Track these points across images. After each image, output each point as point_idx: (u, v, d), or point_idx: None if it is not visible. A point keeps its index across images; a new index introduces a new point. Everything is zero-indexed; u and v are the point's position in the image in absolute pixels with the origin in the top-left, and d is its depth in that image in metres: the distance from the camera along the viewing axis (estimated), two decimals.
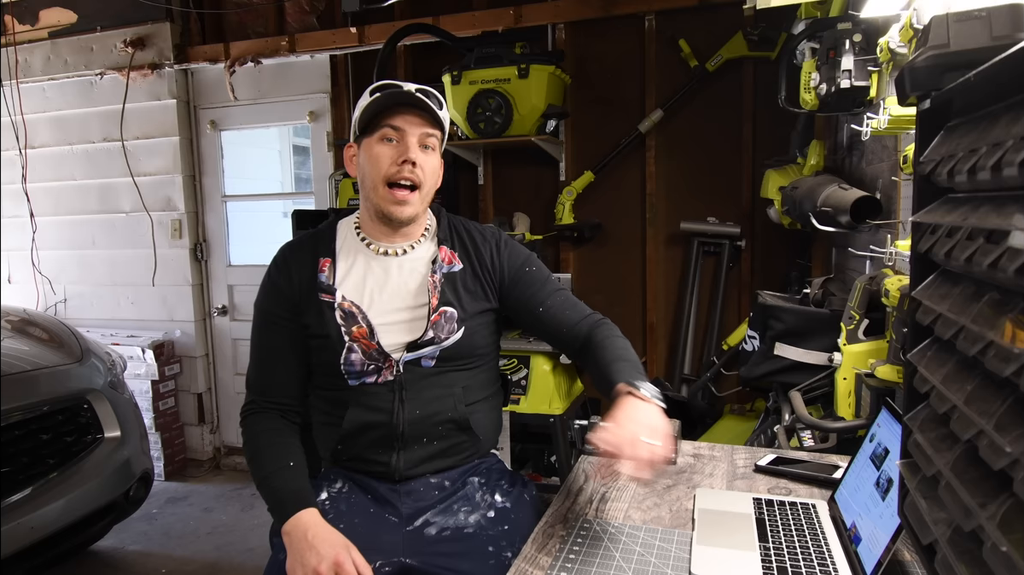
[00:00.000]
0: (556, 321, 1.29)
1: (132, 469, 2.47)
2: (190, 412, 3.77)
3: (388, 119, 1.20)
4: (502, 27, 2.98)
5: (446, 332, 1.22)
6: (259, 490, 1.20)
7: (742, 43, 2.71)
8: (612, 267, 3.10)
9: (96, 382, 2.48)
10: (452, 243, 1.30)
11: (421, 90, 1.21)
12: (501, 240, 1.33)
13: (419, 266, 1.27)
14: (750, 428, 2.59)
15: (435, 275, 1.25)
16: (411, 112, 1.20)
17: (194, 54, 3.53)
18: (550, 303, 1.30)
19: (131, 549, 2.86)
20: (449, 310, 1.23)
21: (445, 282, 1.25)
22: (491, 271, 1.29)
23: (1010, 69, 0.51)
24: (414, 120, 1.21)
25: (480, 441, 1.29)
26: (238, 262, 3.72)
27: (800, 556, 0.92)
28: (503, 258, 1.30)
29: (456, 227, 1.34)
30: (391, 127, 1.20)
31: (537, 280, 1.31)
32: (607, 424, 1.01)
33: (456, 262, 1.28)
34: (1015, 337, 0.46)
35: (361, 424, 1.23)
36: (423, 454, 1.24)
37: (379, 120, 1.21)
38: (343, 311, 1.21)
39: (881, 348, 1.48)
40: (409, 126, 1.20)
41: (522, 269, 1.31)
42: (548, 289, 1.31)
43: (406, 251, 1.28)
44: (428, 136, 1.22)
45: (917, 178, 0.69)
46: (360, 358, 1.21)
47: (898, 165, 1.63)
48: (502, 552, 1.15)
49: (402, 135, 1.21)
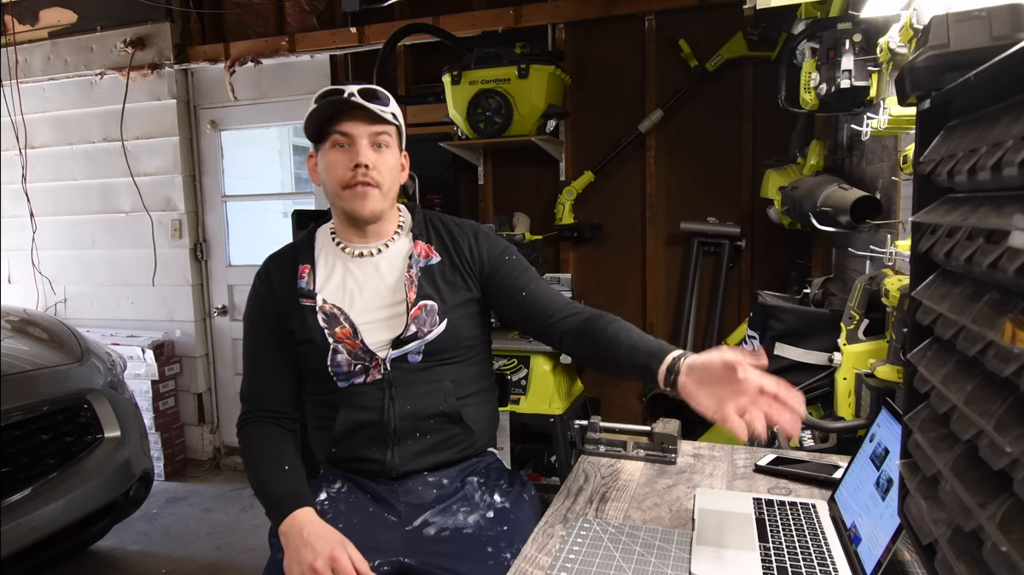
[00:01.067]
0: (540, 305, 1.25)
1: (132, 469, 2.47)
2: (190, 412, 3.77)
3: (336, 126, 1.21)
4: (502, 27, 2.98)
5: (428, 326, 1.23)
6: (257, 496, 1.21)
7: (742, 43, 2.71)
8: (612, 267, 3.10)
9: (96, 382, 2.48)
10: (428, 237, 1.31)
11: (364, 91, 1.21)
12: (480, 231, 1.34)
13: (396, 263, 1.28)
14: None
15: (411, 270, 1.26)
16: (356, 115, 1.21)
17: (194, 54, 3.53)
18: (533, 287, 1.28)
19: (131, 549, 2.86)
20: (429, 303, 1.24)
21: (423, 276, 1.26)
22: (470, 261, 1.30)
23: (1010, 69, 0.51)
24: (360, 123, 1.21)
25: (475, 434, 1.29)
26: (238, 262, 3.72)
27: (800, 556, 0.92)
28: (481, 247, 1.31)
29: (432, 221, 1.34)
30: (339, 133, 1.21)
31: (517, 268, 1.31)
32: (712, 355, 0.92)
33: (433, 255, 1.29)
34: (1015, 337, 0.46)
35: (353, 424, 1.24)
36: (417, 449, 1.24)
37: (328, 127, 1.22)
38: (325, 314, 1.23)
39: (881, 348, 1.48)
40: (356, 130, 1.21)
41: (501, 258, 1.31)
42: (528, 275, 1.30)
43: (380, 250, 1.29)
44: (378, 135, 1.22)
45: (917, 178, 0.69)
46: (346, 358, 1.22)
47: (898, 165, 1.63)
48: (501, 553, 1.15)
49: (351, 139, 1.21)
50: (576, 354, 1.29)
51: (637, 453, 1.34)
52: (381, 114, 1.21)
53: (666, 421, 1.36)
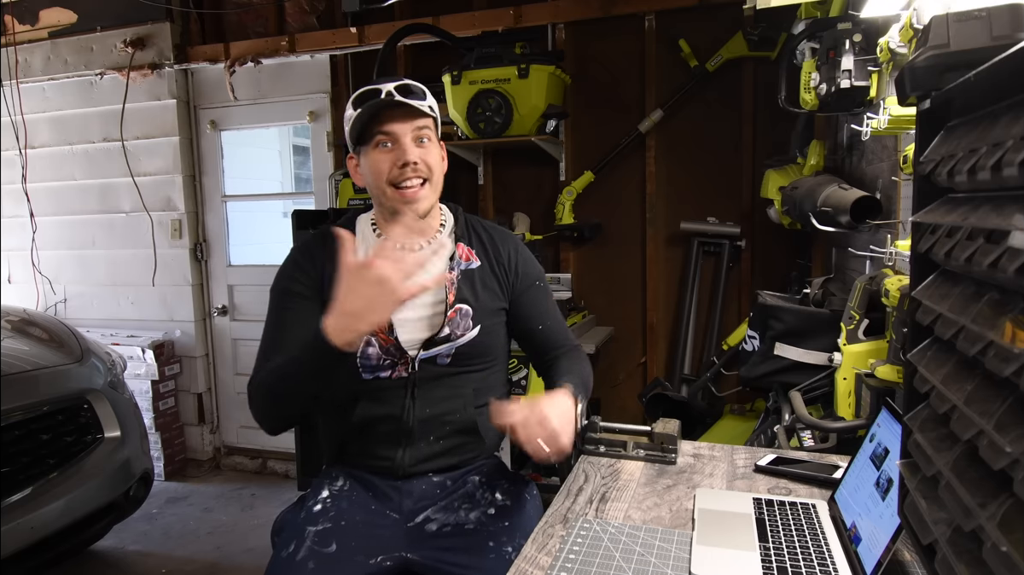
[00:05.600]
0: (550, 342, 1.36)
1: (132, 469, 2.47)
2: (190, 412, 3.77)
3: (378, 126, 1.20)
4: (502, 27, 2.98)
5: (461, 329, 1.24)
6: (290, 379, 1.11)
7: (742, 43, 2.71)
8: (612, 267, 3.10)
9: (96, 382, 2.48)
10: (469, 239, 1.32)
11: (400, 87, 1.21)
12: (521, 246, 1.37)
13: (436, 263, 1.27)
14: (750, 428, 2.59)
15: (453, 271, 1.26)
16: (395, 114, 1.20)
17: (194, 54, 3.53)
18: (549, 324, 1.35)
19: (131, 549, 2.86)
20: (464, 307, 1.25)
21: (462, 279, 1.27)
22: (507, 270, 1.32)
23: (1010, 69, 0.51)
24: (401, 121, 1.21)
25: (485, 444, 1.30)
26: (238, 262, 3.72)
27: (800, 556, 0.92)
28: (519, 263, 1.33)
29: (473, 224, 1.36)
30: (382, 133, 1.21)
31: (543, 298, 1.36)
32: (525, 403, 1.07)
33: (474, 259, 1.30)
34: (1015, 337, 0.46)
35: (371, 418, 1.24)
36: (428, 452, 1.25)
37: (370, 128, 1.21)
38: None
39: (881, 348, 1.48)
40: (399, 127, 1.20)
41: (533, 282, 1.34)
42: (548, 306, 1.36)
43: (423, 247, 1.28)
44: (420, 129, 1.23)
45: (917, 178, 0.69)
46: (377, 352, 1.22)
47: (898, 165, 1.63)
48: (502, 547, 1.15)
49: (395, 138, 1.21)
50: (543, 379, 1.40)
51: (637, 453, 1.34)
52: (420, 108, 1.21)
53: (666, 421, 1.36)
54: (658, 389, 2.82)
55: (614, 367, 3.12)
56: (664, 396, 2.75)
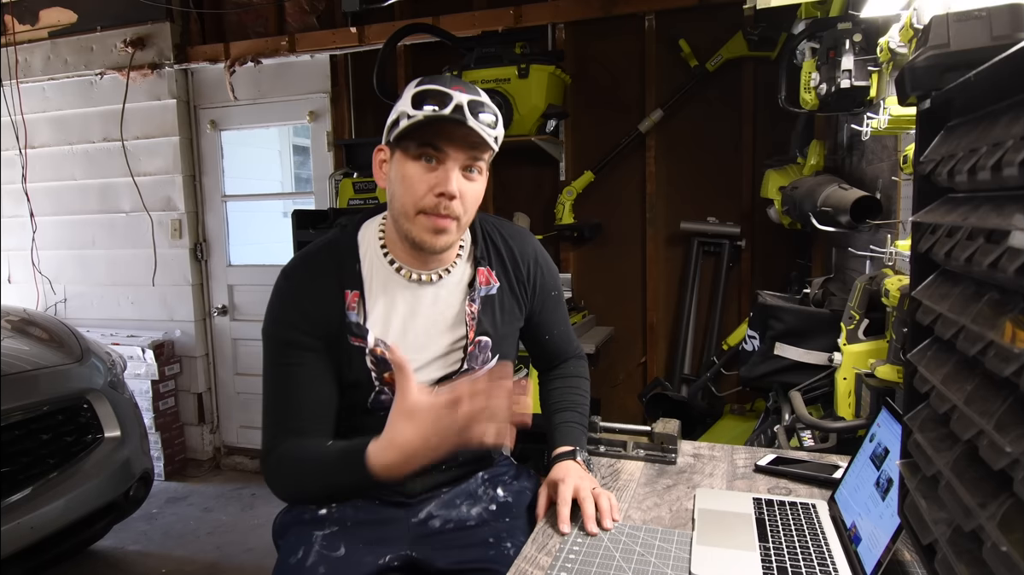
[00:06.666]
0: (557, 350, 1.35)
1: (132, 469, 2.47)
2: (190, 412, 3.77)
3: (431, 137, 1.02)
4: (502, 27, 2.98)
5: (480, 363, 1.18)
6: (320, 482, 1.04)
7: (742, 43, 2.71)
8: (612, 267, 3.10)
9: (96, 382, 2.48)
10: (489, 259, 1.20)
11: (474, 104, 1.02)
12: (540, 255, 1.27)
13: (456, 292, 1.16)
14: (750, 428, 2.59)
15: (473, 304, 1.15)
16: (457, 133, 1.02)
17: (194, 54, 3.53)
18: (557, 332, 1.33)
19: (131, 549, 2.86)
20: (484, 339, 1.17)
21: (482, 309, 1.17)
22: (526, 286, 1.24)
23: (1010, 69, 0.51)
24: (461, 143, 1.03)
25: (491, 455, 1.30)
26: (238, 262, 3.72)
27: (800, 556, 0.92)
28: (538, 276, 1.25)
29: (491, 236, 1.22)
30: (432, 147, 1.03)
31: (556, 307, 1.32)
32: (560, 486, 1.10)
33: (494, 280, 1.19)
34: (1015, 337, 0.46)
35: None
36: (438, 479, 1.23)
37: (419, 132, 1.02)
38: (375, 357, 1.10)
39: (881, 348, 1.48)
40: (454, 151, 1.03)
41: (549, 293, 1.29)
42: (559, 315, 1.33)
43: (441, 276, 1.15)
44: (475, 160, 1.05)
45: (917, 178, 0.69)
46: (390, 399, 1.05)
47: (898, 165, 1.63)
48: (502, 542, 1.15)
49: (443, 158, 1.03)
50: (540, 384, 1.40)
51: (637, 453, 1.34)
52: (485, 138, 1.02)
53: (666, 421, 1.36)
54: (658, 389, 2.82)
55: (614, 367, 3.12)
56: (664, 396, 2.75)
